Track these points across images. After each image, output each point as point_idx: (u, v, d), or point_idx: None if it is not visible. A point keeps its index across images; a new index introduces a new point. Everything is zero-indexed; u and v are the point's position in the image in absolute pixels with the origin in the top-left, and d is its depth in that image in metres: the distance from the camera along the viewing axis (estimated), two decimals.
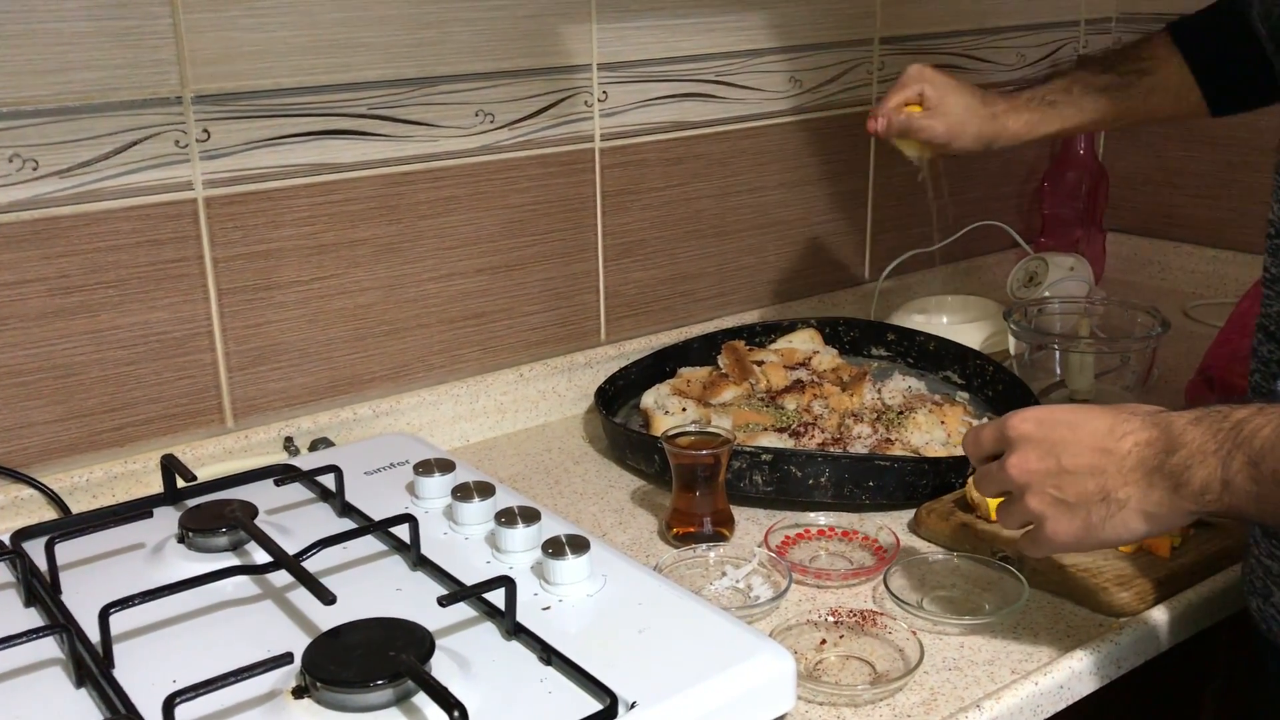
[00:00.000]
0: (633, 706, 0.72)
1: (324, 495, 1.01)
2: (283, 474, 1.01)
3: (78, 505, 1.05)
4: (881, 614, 0.89)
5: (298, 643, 0.75)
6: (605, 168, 1.33)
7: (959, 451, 1.14)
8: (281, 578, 0.86)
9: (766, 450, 1.07)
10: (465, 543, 0.93)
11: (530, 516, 0.91)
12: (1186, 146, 1.76)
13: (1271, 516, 0.72)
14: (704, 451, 1.01)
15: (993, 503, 1.00)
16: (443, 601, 0.78)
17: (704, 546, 0.99)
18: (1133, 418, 0.75)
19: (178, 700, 0.67)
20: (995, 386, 1.31)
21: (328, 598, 0.78)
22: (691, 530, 1.03)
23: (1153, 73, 1.14)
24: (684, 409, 1.22)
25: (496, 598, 0.80)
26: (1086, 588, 0.92)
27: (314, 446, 1.16)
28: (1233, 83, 1.11)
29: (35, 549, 0.89)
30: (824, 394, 1.24)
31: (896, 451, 1.13)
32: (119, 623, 0.78)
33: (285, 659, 0.71)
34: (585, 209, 1.33)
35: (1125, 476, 0.74)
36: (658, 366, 1.34)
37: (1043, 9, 1.73)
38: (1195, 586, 0.94)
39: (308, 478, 1.00)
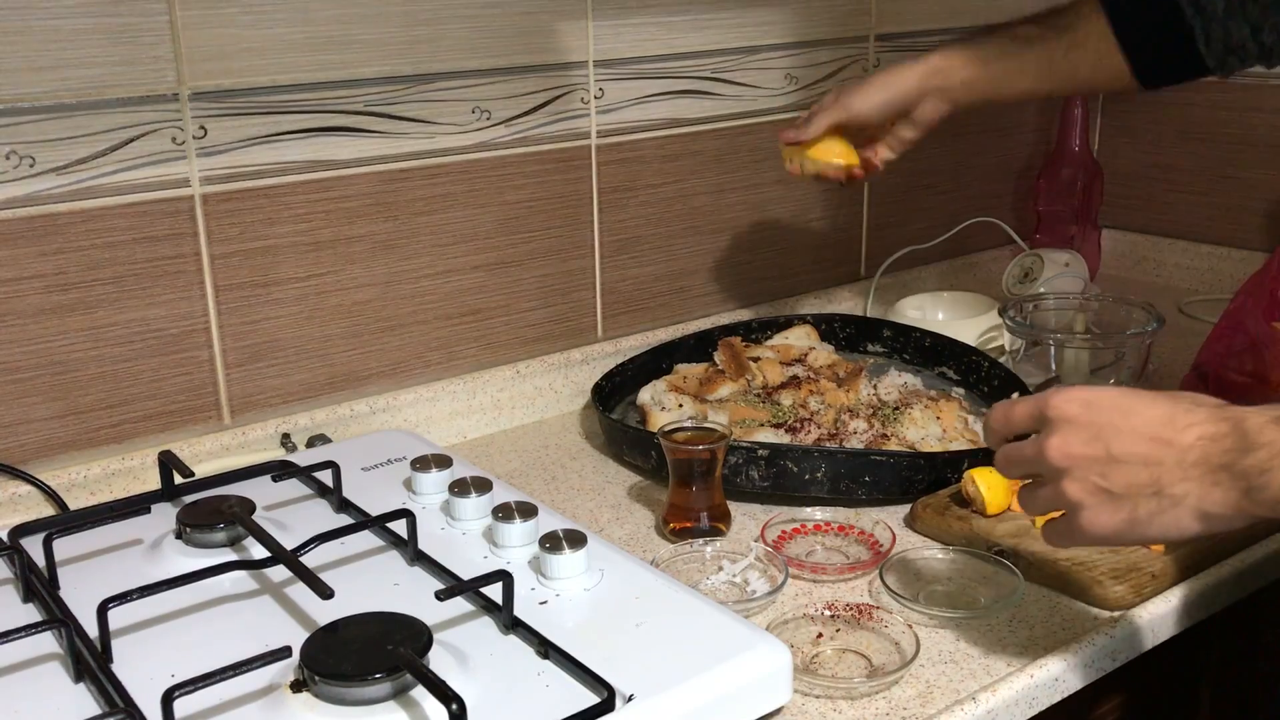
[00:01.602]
0: (630, 700, 0.72)
1: (321, 491, 1.01)
2: (280, 470, 1.01)
3: (75, 501, 1.05)
4: (877, 608, 0.90)
5: (296, 637, 0.75)
6: (601, 164, 1.33)
7: (954, 447, 1.14)
8: (279, 573, 0.86)
9: (763, 445, 1.07)
10: (462, 538, 0.93)
11: (527, 512, 0.91)
12: (1181, 142, 1.76)
13: None
14: (700, 447, 1.01)
15: (991, 493, 1.00)
16: (440, 596, 0.78)
17: (700, 541, 1.00)
18: (1196, 408, 0.70)
19: (176, 694, 0.67)
20: (991, 382, 1.31)
21: (326, 592, 0.78)
22: (688, 525, 1.03)
23: (1074, 29, 1.10)
24: (680, 405, 1.22)
25: (494, 592, 0.80)
26: (1081, 582, 0.93)
27: (311, 443, 1.16)
28: (1159, 51, 1.07)
29: (33, 545, 0.89)
30: (820, 390, 1.24)
31: (892, 447, 1.13)
32: (117, 618, 0.78)
33: (283, 653, 0.71)
34: (582, 206, 1.33)
35: (1185, 471, 0.68)
36: (654, 363, 1.35)
37: (1039, 5, 1.73)
38: (1190, 580, 0.94)
39: (305, 474, 1.01)
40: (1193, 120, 1.75)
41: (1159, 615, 0.91)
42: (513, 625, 0.79)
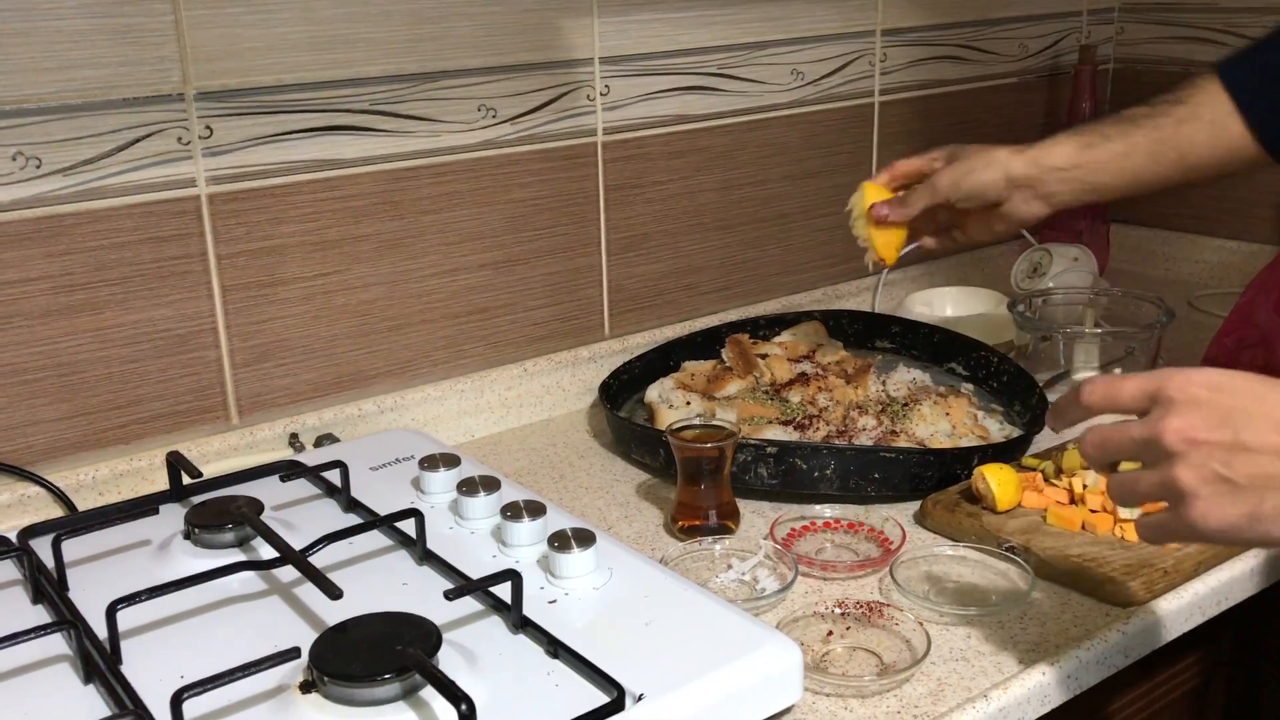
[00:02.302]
0: (640, 699, 0.72)
1: (329, 491, 1.01)
2: (288, 470, 1.01)
3: (84, 503, 1.05)
4: (888, 605, 0.89)
5: (304, 637, 0.75)
6: (608, 162, 1.33)
7: (964, 443, 1.14)
8: (288, 573, 0.86)
9: (771, 443, 1.07)
10: (471, 537, 0.93)
11: (536, 510, 0.91)
12: None
13: None
14: (709, 445, 1.01)
15: (1001, 489, 1.00)
16: (449, 595, 0.78)
17: (709, 539, 0.99)
18: None
19: (186, 695, 0.67)
20: (1000, 378, 1.31)
21: (334, 593, 0.78)
22: (697, 523, 1.03)
23: (1186, 101, 1.05)
24: (688, 403, 1.22)
25: (503, 591, 0.80)
26: (1093, 578, 0.92)
27: (319, 442, 1.16)
28: None
29: (42, 546, 0.89)
30: (828, 386, 1.24)
31: (901, 443, 1.13)
32: (126, 619, 0.78)
33: (292, 654, 0.71)
34: (588, 203, 1.33)
35: None
36: (662, 360, 1.34)
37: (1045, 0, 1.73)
38: (1202, 576, 0.94)
39: (313, 473, 1.00)
40: None
41: (1172, 611, 0.91)
42: (522, 625, 0.79)
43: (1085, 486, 1.02)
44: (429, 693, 0.71)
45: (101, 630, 0.77)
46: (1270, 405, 0.65)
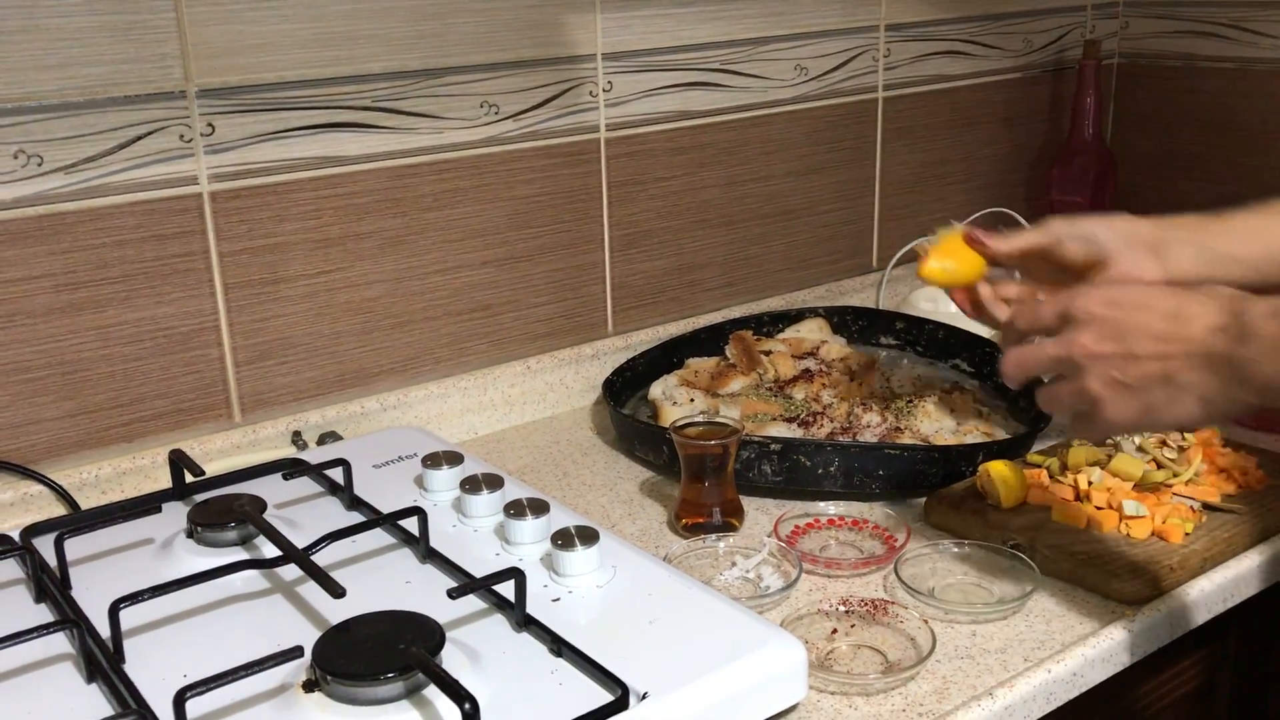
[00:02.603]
0: (644, 697, 0.71)
1: (332, 489, 1.01)
2: (291, 468, 1.01)
3: (86, 501, 1.05)
4: (893, 603, 0.89)
5: (308, 636, 0.75)
6: (611, 158, 1.33)
7: (969, 440, 1.13)
8: (291, 571, 0.86)
9: (775, 440, 1.07)
10: (474, 535, 0.93)
11: (539, 508, 0.91)
12: (1194, 131, 1.75)
13: None
14: (712, 442, 1.01)
15: (1006, 486, 1.00)
16: (452, 594, 0.78)
17: (713, 537, 0.99)
18: (1207, 300, 0.73)
19: (188, 694, 0.67)
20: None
21: (337, 591, 0.78)
22: (701, 521, 1.02)
23: None
24: (692, 399, 1.22)
25: (506, 590, 0.80)
26: (1098, 575, 0.92)
27: (322, 440, 1.16)
28: None
29: (45, 545, 0.89)
30: (832, 383, 1.24)
31: (906, 440, 1.12)
32: (129, 618, 0.78)
33: (295, 653, 0.71)
34: (591, 200, 1.32)
35: (1190, 361, 0.72)
36: (665, 357, 1.34)
37: None
38: (1208, 573, 0.93)
39: (316, 472, 1.00)
40: (1206, 108, 1.73)
41: (1177, 609, 0.90)
42: (525, 623, 0.79)
43: (1091, 483, 1.02)
44: (432, 691, 0.71)
45: (104, 629, 0.77)
46: (1150, 314, 0.74)
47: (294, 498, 1.00)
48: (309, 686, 0.72)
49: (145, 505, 0.94)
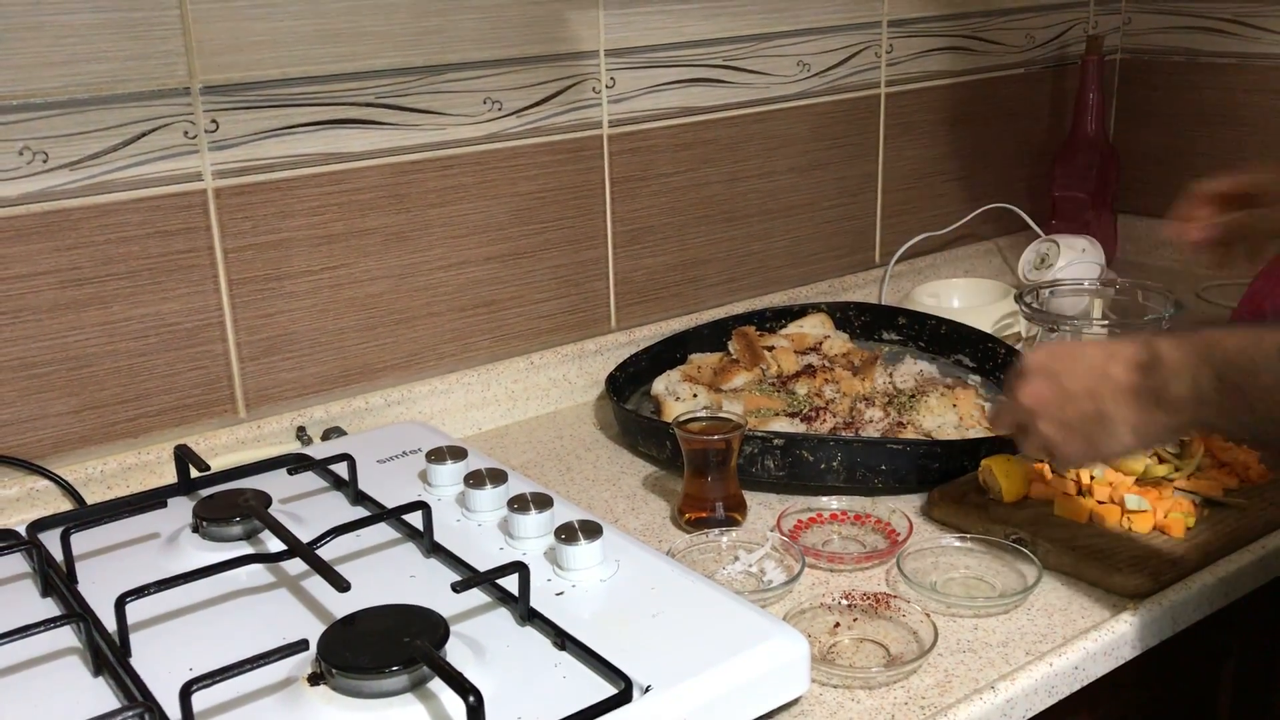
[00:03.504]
0: (647, 690, 0.72)
1: (337, 484, 1.01)
2: (295, 463, 1.01)
3: (92, 496, 1.05)
4: (895, 597, 0.89)
5: (313, 630, 0.75)
6: (614, 154, 1.33)
7: (971, 434, 1.14)
8: (296, 566, 0.86)
9: (778, 435, 1.07)
10: (478, 529, 0.93)
11: (543, 503, 0.91)
12: (1197, 126, 1.75)
13: (1236, 427, 0.83)
14: (715, 437, 1.01)
15: (1008, 480, 1.00)
16: (456, 588, 0.78)
17: (716, 531, 0.99)
18: (1128, 344, 0.81)
19: (194, 688, 0.67)
20: (1007, 369, 1.30)
21: (342, 585, 0.78)
22: (704, 515, 1.03)
23: None
24: (695, 395, 1.22)
25: (510, 584, 0.80)
26: (1100, 569, 0.92)
27: (326, 436, 1.16)
28: None
29: (51, 540, 0.89)
30: (835, 378, 1.24)
31: (908, 435, 1.13)
32: (135, 612, 0.78)
33: (300, 646, 0.71)
34: (594, 196, 1.33)
35: (1116, 396, 0.80)
36: (668, 353, 1.34)
37: None
38: (1210, 567, 0.94)
39: (320, 466, 1.01)
40: (1208, 104, 1.73)
41: (1179, 602, 0.91)
42: (529, 617, 0.79)
43: (1093, 478, 1.02)
44: (437, 685, 0.71)
45: (110, 623, 0.78)
46: (1081, 361, 0.82)
47: (298, 493, 1.00)
48: (314, 680, 0.72)
49: (151, 500, 0.94)
